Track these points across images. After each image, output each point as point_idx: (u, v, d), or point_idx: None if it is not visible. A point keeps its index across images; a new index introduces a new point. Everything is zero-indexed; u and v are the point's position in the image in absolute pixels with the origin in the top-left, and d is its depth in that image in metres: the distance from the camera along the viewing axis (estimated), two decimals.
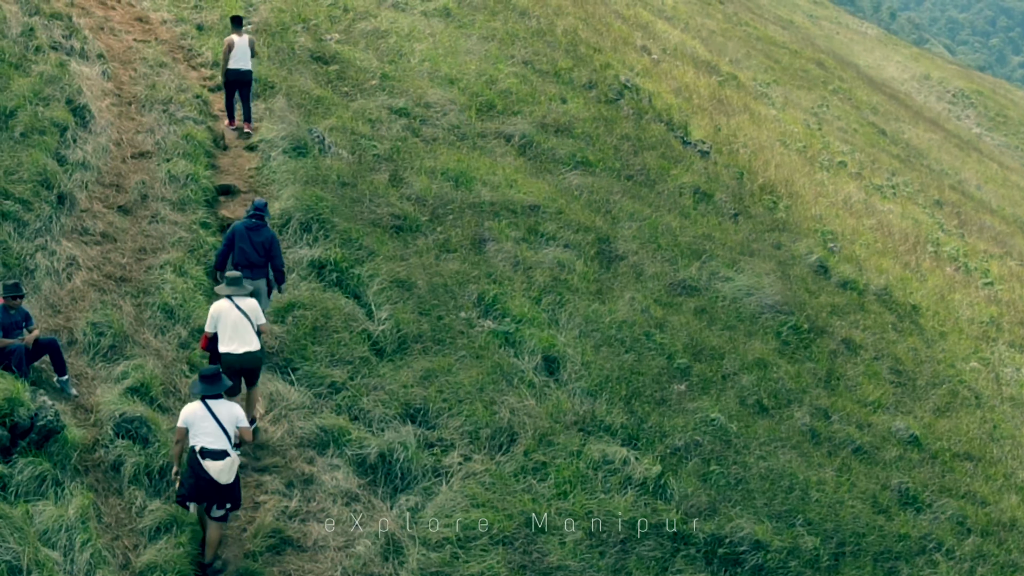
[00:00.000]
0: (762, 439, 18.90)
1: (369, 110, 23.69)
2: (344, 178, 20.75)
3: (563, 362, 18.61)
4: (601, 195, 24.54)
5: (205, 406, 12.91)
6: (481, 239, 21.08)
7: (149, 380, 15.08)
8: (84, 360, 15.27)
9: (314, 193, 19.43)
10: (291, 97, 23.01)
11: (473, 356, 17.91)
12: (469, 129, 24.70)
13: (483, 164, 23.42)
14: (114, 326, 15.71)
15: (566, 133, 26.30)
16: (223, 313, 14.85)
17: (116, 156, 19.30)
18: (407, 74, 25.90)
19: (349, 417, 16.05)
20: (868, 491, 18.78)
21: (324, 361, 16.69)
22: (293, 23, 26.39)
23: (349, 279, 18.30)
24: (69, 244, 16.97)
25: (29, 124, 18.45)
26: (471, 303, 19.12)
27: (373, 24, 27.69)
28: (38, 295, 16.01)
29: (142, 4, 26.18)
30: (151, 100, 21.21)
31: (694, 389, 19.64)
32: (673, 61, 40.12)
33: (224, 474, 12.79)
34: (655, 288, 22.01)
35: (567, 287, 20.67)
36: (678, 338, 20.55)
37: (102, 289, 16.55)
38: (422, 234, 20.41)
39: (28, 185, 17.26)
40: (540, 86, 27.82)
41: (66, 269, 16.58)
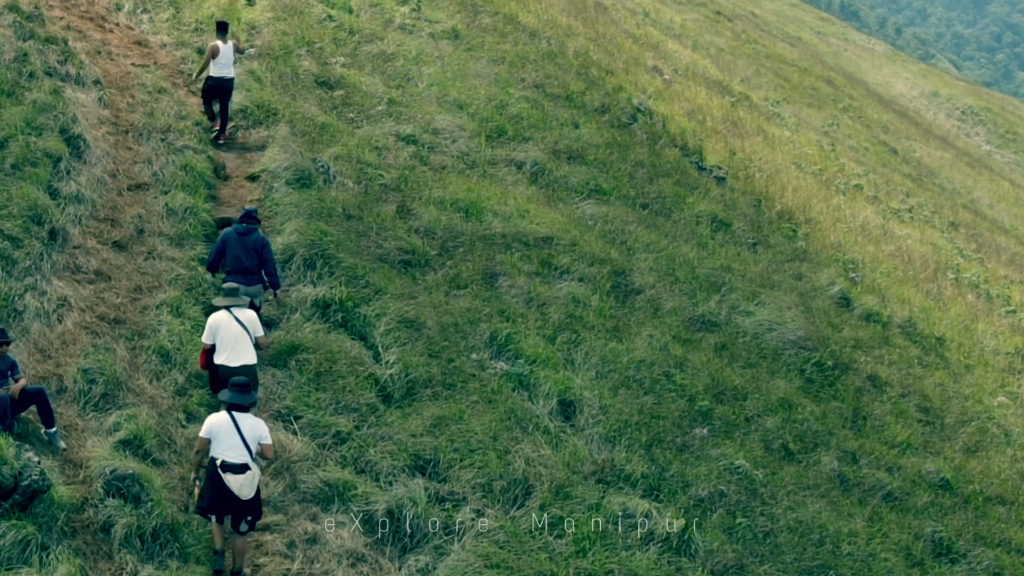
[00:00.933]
0: (789, 487, 17.95)
1: (375, 137, 22.77)
2: (350, 210, 19.84)
3: (580, 406, 17.70)
4: (616, 225, 23.62)
5: (231, 417, 12.74)
6: (492, 273, 20.17)
7: (143, 432, 14.18)
8: (74, 410, 14.37)
9: (318, 227, 18.51)
10: (295, 124, 22.10)
11: (485, 401, 16.98)
12: (479, 156, 23.79)
13: (494, 193, 22.50)
14: (106, 372, 14.82)
15: (579, 160, 25.39)
16: (222, 325, 14.71)
17: (112, 188, 18.41)
18: (415, 99, 25.00)
19: (355, 470, 15.11)
20: (901, 542, 17.84)
21: (329, 409, 15.76)
22: (297, 46, 25.49)
23: (355, 319, 17.39)
24: (60, 283, 16.08)
25: (21, 155, 17.63)
26: (483, 343, 18.19)
27: (379, 47, 26.80)
28: (26, 338, 15.11)
29: (141, 27, 25.28)
30: (149, 128, 20.33)
31: (717, 433, 18.71)
32: (685, 82, 39.24)
33: (245, 488, 12.67)
34: (673, 324, 21.06)
35: (582, 324, 19.74)
36: (699, 378, 19.61)
37: (95, 332, 15.63)
38: (431, 269, 19.48)
39: (18, 220, 16.41)
40: (551, 111, 26.91)
41: (57, 310, 15.72)
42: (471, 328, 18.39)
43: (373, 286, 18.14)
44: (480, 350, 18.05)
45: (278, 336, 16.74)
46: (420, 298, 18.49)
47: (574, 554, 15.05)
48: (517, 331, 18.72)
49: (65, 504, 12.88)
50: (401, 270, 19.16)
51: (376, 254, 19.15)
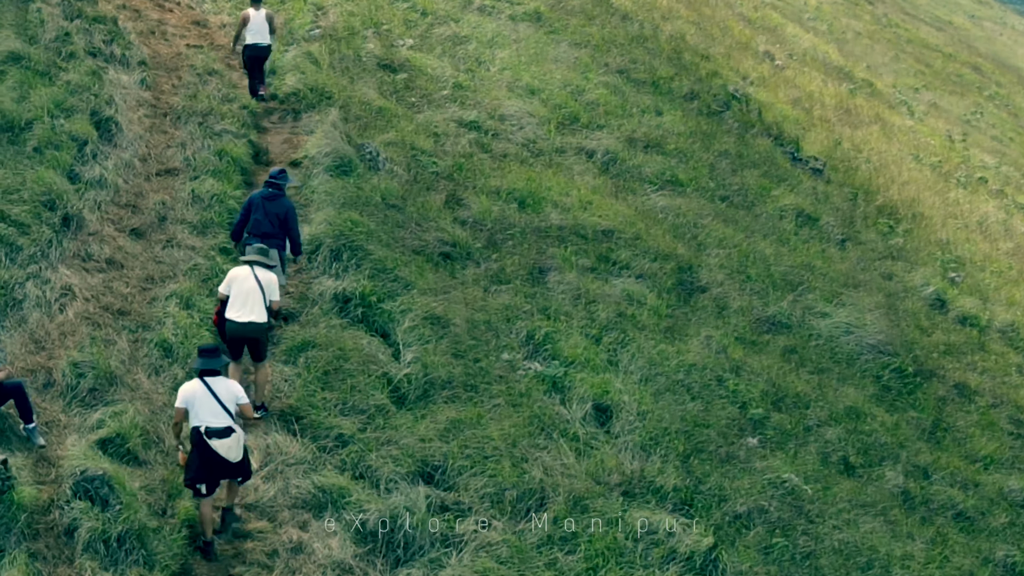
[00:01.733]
0: (841, 504, 16.89)
1: (435, 123, 22.12)
2: (392, 199, 19.22)
3: (616, 411, 16.86)
4: (688, 218, 22.63)
5: (204, 384, 12.61)
6: (541, 268, 19.40)
7: (127, 430, 13.72)
8: (59, 405, 14.01)
9: (350, 217, 17.92)
10: (349, 108, 21.55)
11: (510, 405, 16.24)
12: (546, 144, 22.98)
13: (556, 183, 21.69)
14: (99, 366, 14.39)
15: (656, 149, 24.42)
16: (239, 278, 14.54)
17: (140, 173, 18.08)
18: (484, 84, 24.28)
19: (354, 475, 14.49)
20: (964, 567, 16.69)
21: (334, 410, 15.17)
22: (363, 28, 24.94)
23: (376, 315, 16.77)
24: (67, 271, 15.76)
25: (44, 138, 17.41)
26: (517, 343, 17.44)
27: (453, 29, 26.12)
28: (22, 329, 14.84)
29: (203, 7, 24.99)
30: (188, 111, 19.95)
31: (768, 444, 17.69)
32: (799, 67, 37.84)
33: (233, 451, 12.59)
34: (738, 325, 20.05)
35: (633, 324, 18.85)
36: (756, 384, 18.59)
37: (96, 323, 15.28)
38: (473, 263, 18.79)
39: (29, 205, 16.15)
40: (633, 97, 25.97)
41: (59, 300, 15.48)
42: (506, 326, 17.64)
43: (402, 280, 17.48)
44: (513, 350, 17.30)
45: (292, 331, 16.12)
46: (453, 293, 17.80)
47: (584, 572, 14.26)
48: (558, 330, 17.91)
49: (27, 505, 12.42)
50: (439, 263, 18.50)
51: (413, 246, 18.50)
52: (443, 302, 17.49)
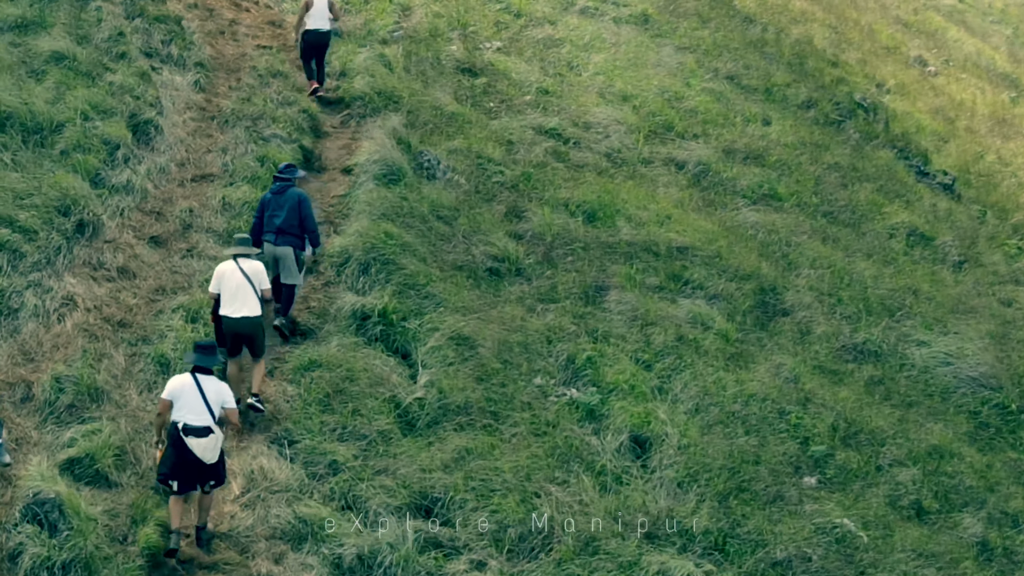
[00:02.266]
0: (903, 554, 15.58)
1: (511, 130, 21.33)
2: (443, 210, 18.53)
3: (655, 444, 15.83)
4: (781, 235, 21.37)
5: (194, 380, 12.52)
6: (600, 287, 18.50)
7: (99, 450, 13.29)
8: (35, 420, 13.55)
9: (385, 229, 17.27)
10: (417, 114, 20.93)
11: (532, 434, 15.37)
12: (631, 154, 22.01)
13: (634, 196, 20.72)
14: (82, 381, 13.93)
15: (757, 161, 23.19)
16: (226, 274, 14.52)
17: (174, 178, 17.74)
18: (571, 89, 23.41)
19: (341, 505, 13.74)
20: None
21: (331, 435, 14.53)
22: (448, 29, 24.26)
23: (397, 334, 16.08)
24: (73, 280, 15.51)
25: (73, 141, 17.13)
26: (555, 367, 16.56)
27: (547, 32, 25.29)
28: (14, 339, 14.64)
29: (281, 6, 24.63)
30: (238, 115, 19.53)
31: (828, 485, 16.46)
32: (955, 74, 35.88)
33: (208, 452, 12.41)
34: (819, 352, 18.76)
35: (694, 349, 17.78)
36: (824, 417, 17.33)
37: (94, 335, 14.93)
38: (523, 279, 17.99)
39: (39, 211, 15.94)
40: (738, 105, 24.76)
41: (58, 310, 15.28)
42: (544, 349, 16.77)
43: (434, 297, 16.75)
44: (547, 375, 16.42)
45: (301, 349, 15.49)
46: (491, 312, 17.00)
47: None
48: (604, 354, 16.98)
49: None
50: (482, 280, 17.73)
51: (455, 261, 17.77)
52: (476, 321, 16.68)
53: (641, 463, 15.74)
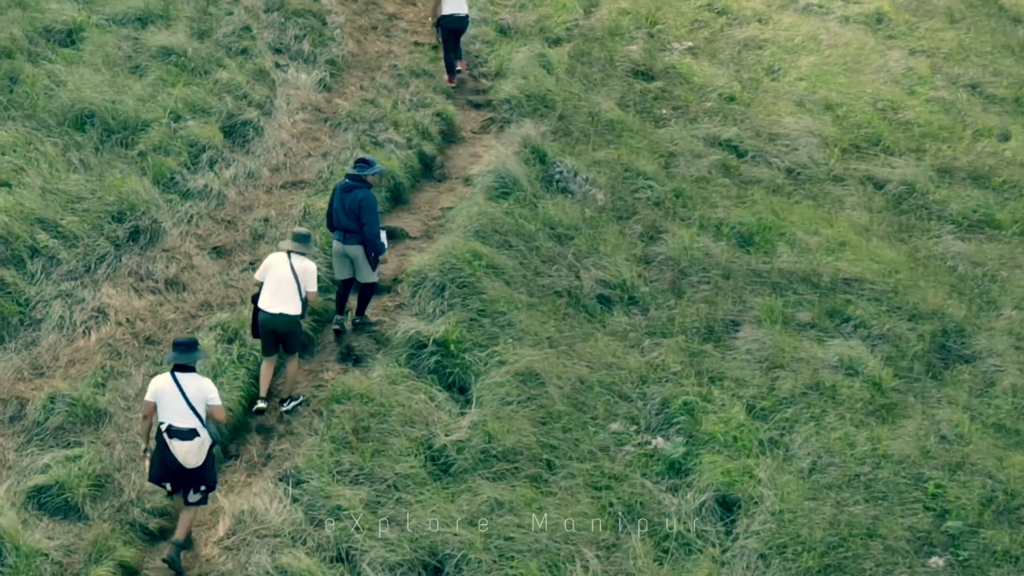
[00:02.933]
0: None
1: (677, 140, 19.66)
2: (558, 228, 17.10)
3: (745, 507, 13.94)
4: (987, 269, 18.87)
5: (174, 379, 12.11)
6: (732, 321, 16.64)
7: (73, 478, 12.56)
8: (17, 442, 12.94)
9: (473, 248, 16.00)
10: (570, 120, 19.53)
11: (590, 487, 13.83)
12: (819, 171, 19.94)
13: (807, 218, 18.73)
14: (81, 401, 13.23)
15: (978, 182, 20.68)
16: (274, 266, 14.21)
17: (263, 184, 17.02)
18: (763, 96, 21.46)
19: (331, 557, 12.52)
20: None
21: (344, 476, 13.29)
22: (633, 28, 22.66)
23: (455, 365, 14.65)
24: (111, 291, 14.97)
25: (156, 142, 16.63)
26: (643, 412, 14.91)
27: (751, 31, 23.34)
28: (27, 352, 14.14)
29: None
30: (355, 118, 18.60)
31: (962, 568, 14.17)
32: None
33: (192, 456, 12.05)
34: (1000, 407, 16.35)
35: (830, 397, 15.81)
36: (976, 487, 14.98)
37: (117, 351, 14.33)
38: (638, 310, 16.35)
39: (87, 215, 15.46)
40: (973, 116, 22.20)
41: (86, 322, 14.82)
42: (635, 390, 15.13)
43: (512, 326, 15.38)
44: (629, 420, 14.79)
45: (343, 376, 14.40)
46: (579, 346, 15.46)
47: None
48: (711, 399, 15.26)
49: None
50: (586, 308, 16.21)
51: (554, 286, 16.32)
52: (554, 356, 15.19)
53: (724, 529, 13.81)
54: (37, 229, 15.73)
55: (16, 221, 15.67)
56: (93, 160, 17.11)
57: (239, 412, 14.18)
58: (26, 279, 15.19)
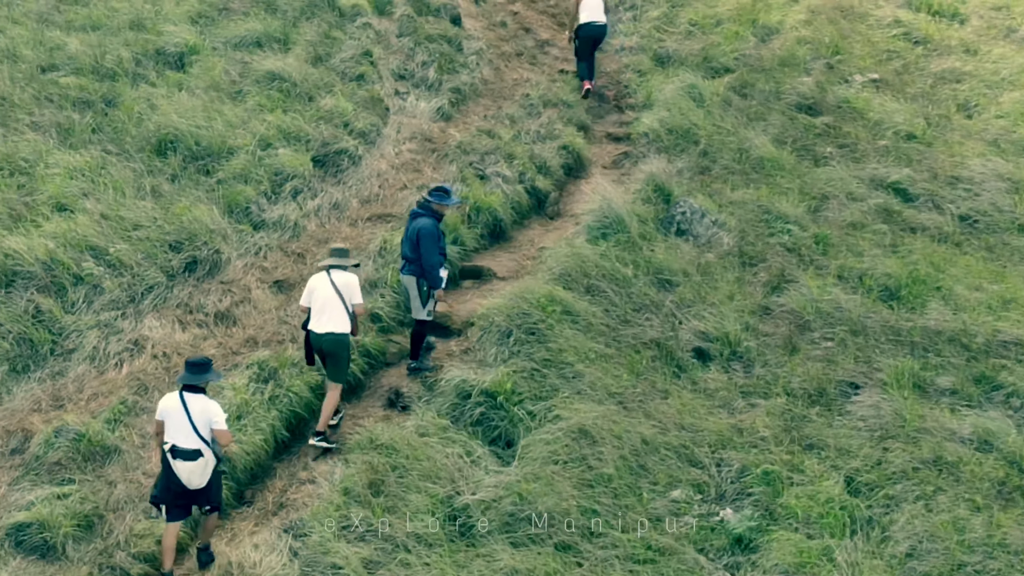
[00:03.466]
0: None
1: (835, 181, 18.18)
2: (663, 274, 15.89)
3: None
4: None
5: (180, 399, 12.09)
6: (851, 384, 15.15)
7: (57, 518, 12.28)
8: (12, 476, 12.69)
9: (551, 292, 15.01)
10: (714, 156, 18.30)
11: (629, 560, 12.71)
12: (1002, 219, 18.16)
13: (973, 271, 17.07)
14: (87, 437, 12.88)
15: None
16: (317, 287, 14.10)
17: (348, 217, 16.52)
18: (949, 135, 19.67)
19: None
20: None
21: (350, 532, 12.54)
22: (811, 58, 21.10)
23: (501, 419, 13.73)
24: (154, 323, 14.76)
25: (237, 169, 16.23)
26: (715, 480, 13.56)
27: (951, 63, 21.47)
28: (55, 381, 14.01)
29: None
30: (465, 148, 17.78)
31: None
32: None
33: (195, 477, 12.06)
34: None
35: (951, 474, 14.19)
36: None
37: (145, 386, 14.03)
38: (739, 367, 15.07)
39: (144, 244, 15.04)
40: None
41: (120, 354, 14.57)
42: (708, 455, 13.81)
43: (579, 379, 14.34)
44: (695, 488, 13.49)
45: (375, 425, 13.62)
46: (653, 403, 14.26)
47: None
48: (800, 468, 13.87)
49: None
50: (677, 363, 15.04)
51: (641, 337, 15.20)
52: (620, 413, 14.06)
53: None
54: (85, 256, 15.55)
55: (64, 248, 15.56)
56: (166, 187, 16.92)
57: (262, 456, 13.49)
58: (65, 308, 15.01)
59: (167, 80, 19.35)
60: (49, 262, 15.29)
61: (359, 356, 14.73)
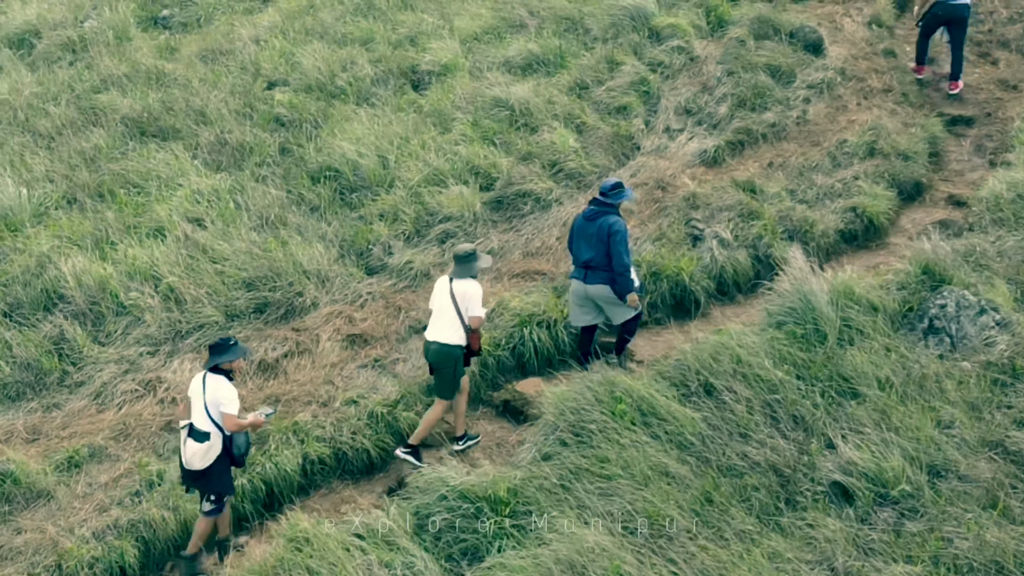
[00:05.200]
0: None
1: None
2: (857, 380, 12.68)
3: None
4: None
5: (203, 381, 12.35)
6: None
7: None
8: None
9: (631, 387, 12.37)
10: None
11: None
12: None
13: None
14: (12, 476, 12.85)
15: None
16: (437, 292, 13.80)
17: (505, 271, 14.77)
18: None
19: None
20: None
21: None
22: None
23: (472, 531, 11.46)
24: (182, 366, 14.34)
25: (384, 206, 16.33)
26: None
27: None
28: (46, 413, 13.92)
29: None
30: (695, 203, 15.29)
31: None
32: None
33: (196, 458, 12.17)
34: None
35: None
36: None
37: (128, 433, 13.57)
38: (890, 514, 11.75)
39: (213, 277, 14.86)
40: None
41: (127, 394, 14.00)
42: None
43: (612, 497, 11.75)
44: None
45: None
46: (699, 548, 11.23)
47: None
48: None
49: None
50: (791, 499, 11.97)
51: (750, 457, 12.07)
52: (648, 549, 11.31)
53: None
54: (138, 285, 15.19)
55: (119, 275, 15.37)
56: (294, 219, 16.33)
57: None
58: (97, 338, 14.69)
59: (395, 101, 18.74)
60: (95, 288, 15.07)
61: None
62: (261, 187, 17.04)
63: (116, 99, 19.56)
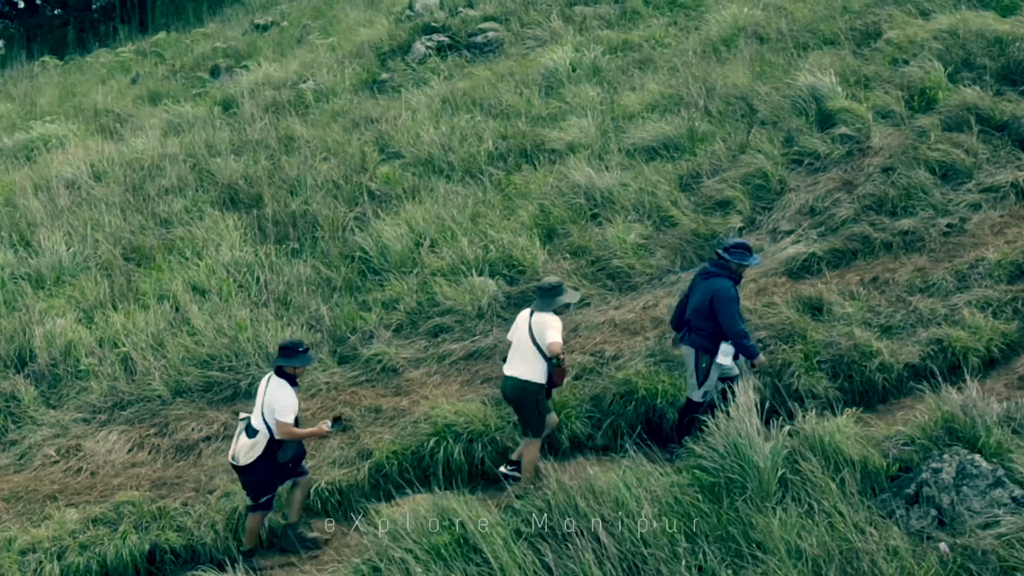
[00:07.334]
0: None
1: None
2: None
3: None
4: None
5: (268, 380, 13.15)
6: None
7: None
8: None
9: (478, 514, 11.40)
10: None
11: None
12: None
13: None
14: None
15: None
16: (517, 324, 14.03)
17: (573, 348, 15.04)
18: None
19: None
20: None
21: None
22: None
23: None
24: (111, 436, 14.61)
25: (393, 292, 16.41)
26: None
27: None
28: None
29: None
30: (780, 328, 13.99)
31: None
32: None
33: (241, 452, 12.94)
34: None
35: None
36: None
37: (18, 497, 13.76)
38: None
39: (178, 349, 15.43)
40: None
41: (47, 458, 14.43)
42: None
43: None
44: None
45: None
46: None
47: None
48: None
49: None
50: None
51: None
52: None
53: None
54: (102, 352, 15.71)
55: (92, 340, 15.93)
56: (298, 299, 16.46)
57: None
58: (46, 399, 15.28)
59: (501, 180, 18.46)
60: (60, 351, 15.70)
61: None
62: (292, 262, 17.32)
63: (227, 163, 20.35)
